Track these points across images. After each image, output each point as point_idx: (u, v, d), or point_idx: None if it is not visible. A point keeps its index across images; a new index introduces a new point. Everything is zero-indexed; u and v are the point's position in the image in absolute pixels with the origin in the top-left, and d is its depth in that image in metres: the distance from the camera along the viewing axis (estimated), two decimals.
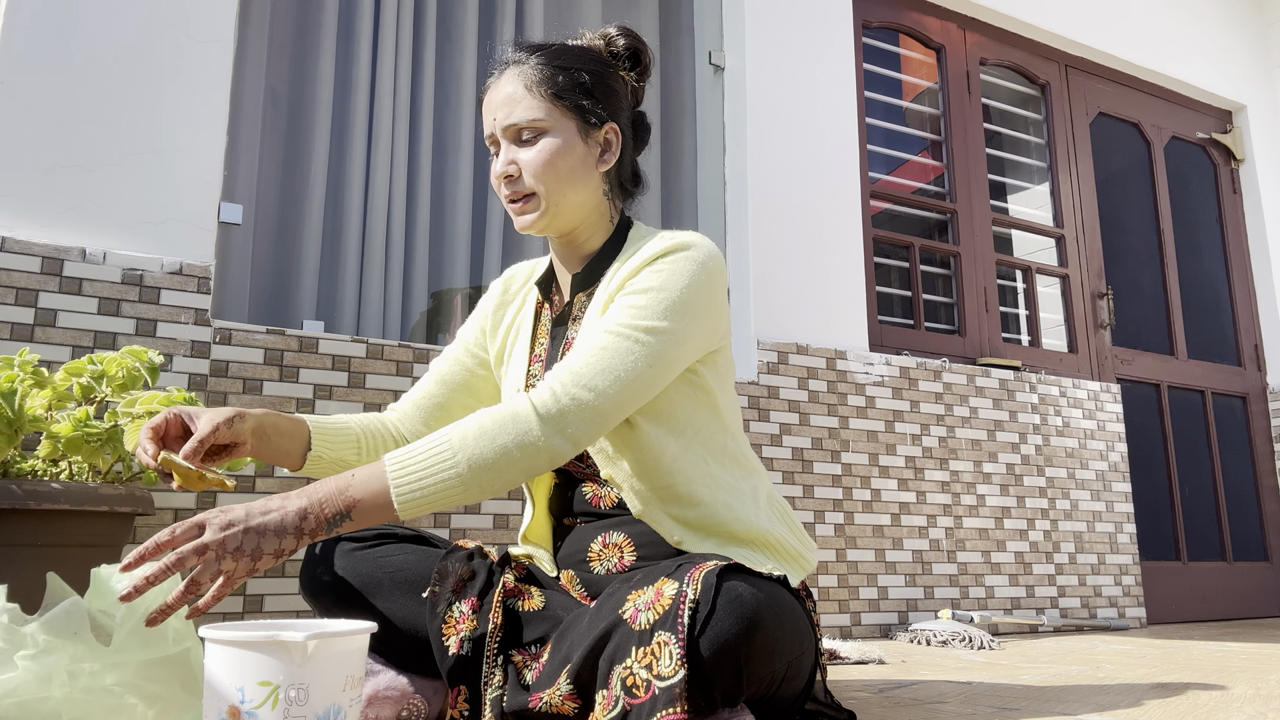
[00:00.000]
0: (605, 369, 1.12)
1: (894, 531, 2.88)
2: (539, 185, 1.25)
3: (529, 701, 1.03)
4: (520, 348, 1.38)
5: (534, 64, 1.28)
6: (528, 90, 1.27)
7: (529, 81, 1.27)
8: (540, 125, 1.26)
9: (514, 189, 1.27)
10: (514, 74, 1.28)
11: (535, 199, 1.26)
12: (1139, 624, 3.31)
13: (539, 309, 1.40)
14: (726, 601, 0.95)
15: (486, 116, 1.30)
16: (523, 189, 1.26)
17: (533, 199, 1.26)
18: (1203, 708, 1.43)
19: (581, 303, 1.32)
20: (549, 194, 1.26)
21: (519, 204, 1.27)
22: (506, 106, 1.26)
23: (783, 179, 2.95)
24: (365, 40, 2.51)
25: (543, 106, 1.26)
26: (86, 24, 2.05)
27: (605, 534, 1.25)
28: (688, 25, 3.11)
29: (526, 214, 1.27)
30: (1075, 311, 3.62)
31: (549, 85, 1.27)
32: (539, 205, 1.26)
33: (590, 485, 1.28)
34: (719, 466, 1.26)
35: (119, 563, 0.97)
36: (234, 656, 0.81)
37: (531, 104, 1.26)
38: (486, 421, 1.08)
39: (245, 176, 2.31)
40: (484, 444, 1.06)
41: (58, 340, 1.93)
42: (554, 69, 1.28)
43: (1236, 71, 4.24)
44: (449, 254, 2.56)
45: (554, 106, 1.27)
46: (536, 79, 1.27)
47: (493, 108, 1.29)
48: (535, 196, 1.26)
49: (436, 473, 1.04)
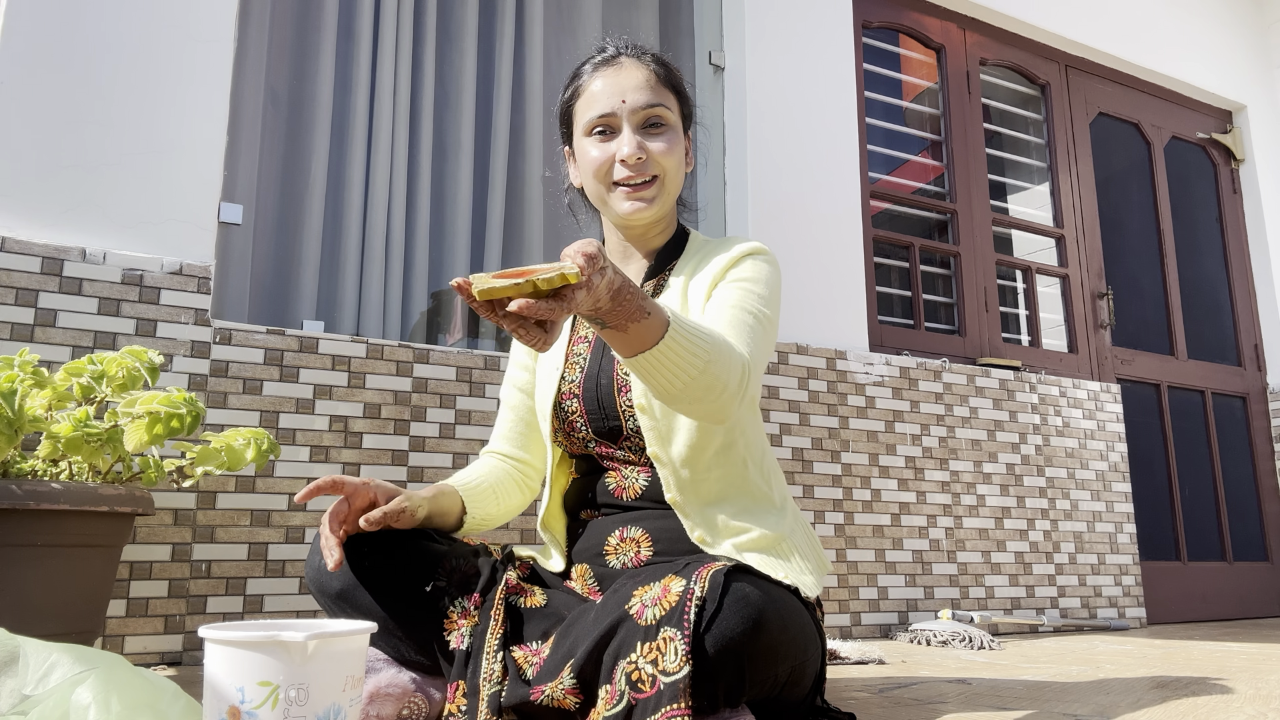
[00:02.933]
0: (750, 340, 1.19)
1: (894, 531, 2.88)
2: (664, 174, 1.30)
3: (530, 695, 1.03)
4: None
5: (653, 62, 1.33)
6: (660, 81, 1.31)
7: (658, 73, 1.32)
8: (669, 117, 1.31)
9: (641, 170, 1.29)
10: (639, 63, 1.32)
11: (658, 183, 1.30)
12: (1139, 624, 3.31)
13: None
14: (733, 601, 0.96)
15: (605, 98, 1.30)
16: (650, 171, 1.29)
17: (655, 183, 1.30)
18: (1203, 708, 1.43)
19: (649, 290, 1.35)
20: (669, 182, 1.31)
21: (641, 186, 1.29)
22: (642, 91, 1.29)
23: (783, 179, 2.95)
24: (365, 40, 2.51)
25: (670, 99, 1.32)
26: (87, 24, 2.05)
27: (623, 528, 1.25)
28: (688, 25, 3.11)
29: (645, 197, 1.29)
30: (1075, 311, 3.62)
31: (672, 84, 1.33)
32: (658, 191, 1.30)
33: (614, 475, 1.29)
34: (756, 473, 1.29)
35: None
36: (234, 656, 0.81)
37: (665, 95, 1.31)
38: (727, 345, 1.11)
39: (245, 176, 2.31)
40: (725, 352, 1.09)
41: (58, 340, 1.93)
42: (671, 71, 1.34)
43: (1236, 71, 4.24)
44: (449, 254, 2.56)
45: (678, 103, 1.34)
46: (663, 74, 1.32)
47: (619, 88, 1.29)
48: (657, 180, 1.30)
49: (698, 338, 1.05)
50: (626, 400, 1.25)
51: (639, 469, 1.27)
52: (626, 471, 1.28)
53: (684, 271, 1.34)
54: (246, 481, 2.06)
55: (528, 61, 2.74)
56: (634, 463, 1.28)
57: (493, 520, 1.37)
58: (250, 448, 1.66)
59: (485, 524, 1.35)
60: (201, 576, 1.98)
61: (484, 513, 1.34)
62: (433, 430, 2.26)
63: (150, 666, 1.89)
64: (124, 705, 0.83)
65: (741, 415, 1.28)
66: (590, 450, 1.30)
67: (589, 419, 1.29)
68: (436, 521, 1.26)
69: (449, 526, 1.29)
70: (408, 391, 2.25)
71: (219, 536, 2.01)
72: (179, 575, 1.96)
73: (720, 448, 1.25)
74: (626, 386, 1.26)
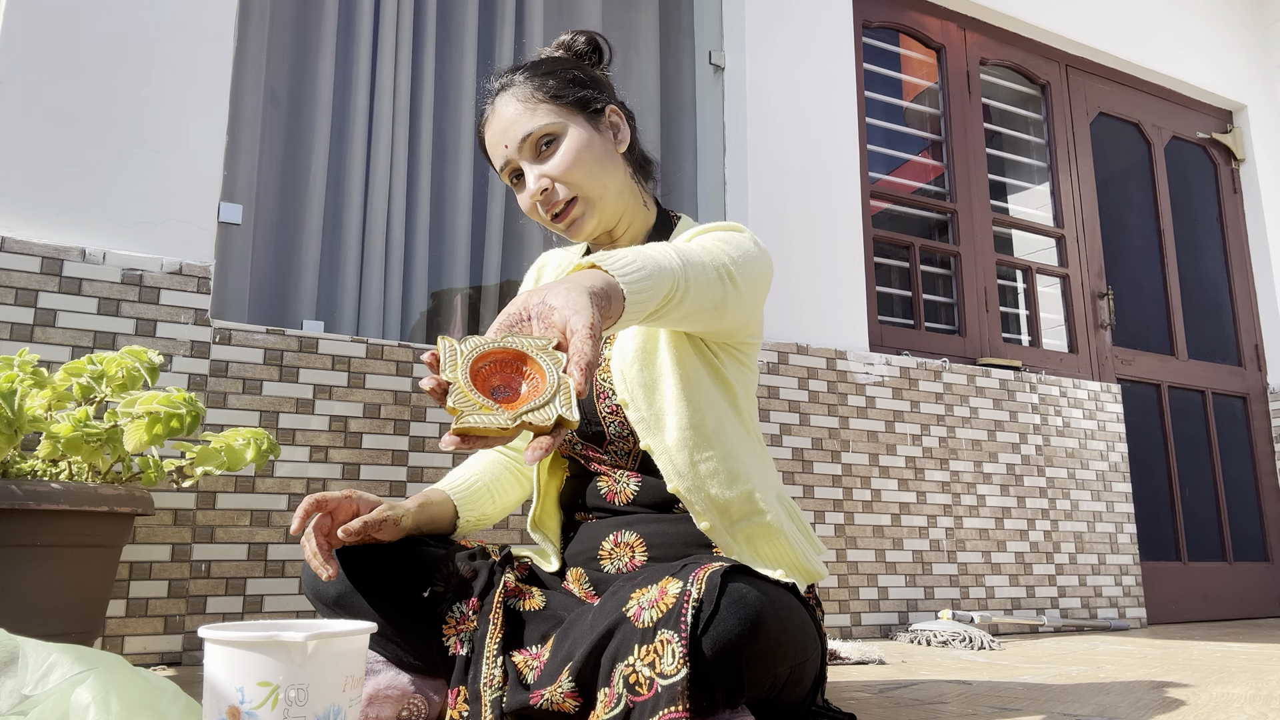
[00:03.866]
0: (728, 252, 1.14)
1: (894, 532, 2.87)
2: (576, 187, 1.25)
3: (530, 699, 1.03)
4: None
5: (521, 79, 1.28)
6: (526, 104, 1.26)
7: (523, 96, 1.27)
8: (552, 129, 1.25)
9: (553, 200, 1.26)
10: (507, 97, 1.28)
11: (577, 202, 1.26)
12: (1139, 624, 3.31)
13: None
14: (730, 602, 0.95)
15: (495, 150, 1.28)
16: (561, 197, 1.26)
17: (575, 204, 1.26)
18: (1203, 708, 1.43)
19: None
20: (588, 191, 1.26)
21: (565, 214, 1.26)
22: (516, 124, 1.26)
23: (783, 179, 2.95)
24: (365, 40, 2.51)
25: (547, 110, 1.26)
26: (86, 24, 2.05)
27: (617, 532, 1.24)
28: (688, 25, 3.11)
29: (575, 220, 1.26)
30: (1075, 311, 3.62)
31: (544, 90, 1.27)
32: (584, 207, 1.26)
33: (605, 479, 1.27)
34: (751, 454, 1.25)
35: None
36: (233, 657, 0.81)
37: (536, 113, 1.26)
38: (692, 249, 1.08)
39: (245, 176, 2.31)
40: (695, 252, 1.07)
41: (57, 340, 1.93)
42: (541, 76, 1.28)
43: (1237, 71, 4.24)
44: (449, 254, 2.56)
45: (557, 108, 1.27)
46: (530, 90, 1.27)
47: (499, 136, 1.27)
48: (576, 200, 1.26)
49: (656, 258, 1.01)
50: (606, 406, 1.24)
51: (629, 474, 1.26)
52: (617, 475, 1.27)
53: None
54: (246, 481, 2.06)
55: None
56: (623, 466, 1.27)
57: (490, 518, 1.36)
58: (250, 448, 1.66)
59: (482, 523, 1.35)
60: (201, 577, 1.98)
61: (478, 513, 1.33)
62: (433, 430, 2.26)
63: (150, 667, 1.89)
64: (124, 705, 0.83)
65: (738, 376, 1.26)
66: (577, 453, 1.29)
67: None
68: (426, 530, 1.25)
69: (441, 532, 1.28)
70: (407, 392, 2.25)
71: (219, 537, 2.01)
72: (179, 575, 1.96)
73: (713, 426, 1.21)
74: (604, 393, 1.24)
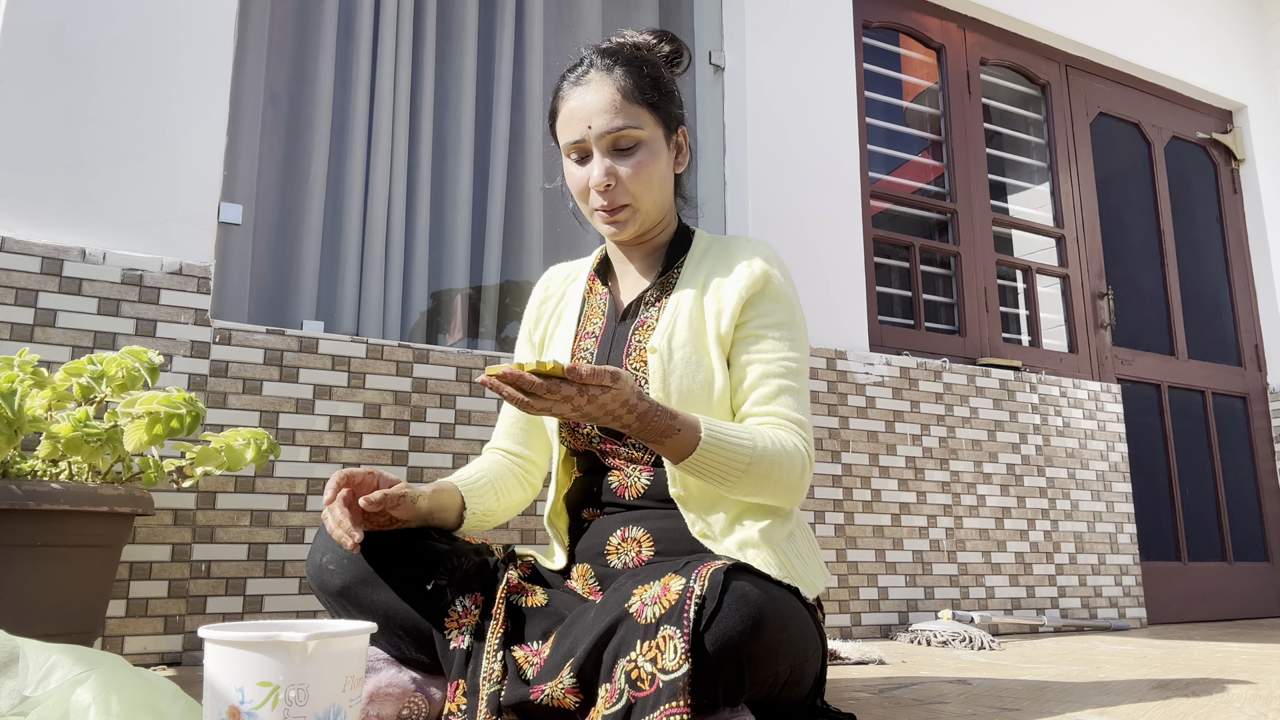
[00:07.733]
0: (795, 407, 1.26)
1: (894, 532, 2.87)
2: (637, 198, 1.27)
3: (529, 694, 1.03)
4: (565, 326, 1.41)
5: (620, 71, 1.27)
6: (624, 97, 1.26)
7: (622, 88, 1.26)
8: (639, 135, 1.26)
9: (611, 199, 1.27)
10: (603, 80, 1.27)
11: (629, 209, 1.28)
12: (1139, 624, 3.31)
13: (586, 294, 1.42)
14: (733, 599, 0.95)
15: (573, 123, 1.28)
16: (620, 200, 1.27)
17: (626, 209, 1.28)
18: (1203, 708, 1.43)
19: (654, 292, 1.34)
20: (644, 203, 1.29)
21: (613, 214, 1.28)
22: (606, 114, 1.25)
23: (783, 179, 2.95)
24: (365, 40, 2.50)
25: (639, 115, 1.27)
26: (86, 24, 2.05)
27: (625, 528, 1.25)
28: (688, 25, 3.11)
29: (619, 223, 1.29)
30: (1075, 311, 3.62)
31: (642, 93, 1.27)
32: (632, 215, 1.29)
33: (617, 474, 1.28)
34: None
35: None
36: (234, 657, 0.81)
37: (630, 111, 1.26)
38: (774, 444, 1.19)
39: (245, 176, 2.31)
40: (770, 451, 1.18)
41: (57, 340, 1.93)
42: (640, 76, 1.28)
43: (1237, 71, 4.24)
44: (449, 254, 2.56)
45: (650, 115, 1.28)
46: (629, 86, 1.27)
47: (583, 113, 1.27)
48: (629, 207, 1.28)
49: (736, 444, 1.16)
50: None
51: (641, 467, 1.27)
52: (629, 470, 1.28)
53: (694, 275, 1.33)
54: (246, 482, 2.05)
55: (528, 61, 2.74)
56: (637, 460, 1.28)
57: (494, 517, 1.37)
58: (250, 448, 1.66)
59: (486, 521, 1.35)
60: (201, 577, 1.98)
61: (484, 508, 1.34)
62: (433, 430, 2.26)
63: (150, 667, 1.89)
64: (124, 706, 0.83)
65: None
66: (594, 446, 1.30)
67: None
68: (437, 516, 1.25)
69: (449, 523, 1.29)
70: (408, 391, 2.25)
71: (219, 537, 2.01)
72: (179, 575, 1.96)
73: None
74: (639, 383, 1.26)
